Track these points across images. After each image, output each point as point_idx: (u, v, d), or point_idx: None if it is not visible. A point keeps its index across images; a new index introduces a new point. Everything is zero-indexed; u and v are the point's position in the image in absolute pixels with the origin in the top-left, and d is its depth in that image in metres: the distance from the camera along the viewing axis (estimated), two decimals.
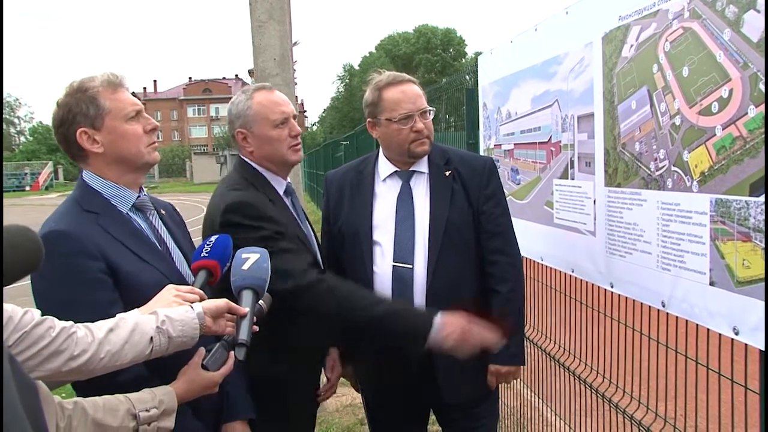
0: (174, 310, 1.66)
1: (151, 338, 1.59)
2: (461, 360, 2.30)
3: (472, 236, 2.49)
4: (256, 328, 1.81)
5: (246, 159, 2.44)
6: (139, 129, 1.95)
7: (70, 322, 1.52)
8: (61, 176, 65.93)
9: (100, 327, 1.55)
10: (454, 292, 2.42)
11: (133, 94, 2.04)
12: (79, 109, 1.89)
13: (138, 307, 1.71)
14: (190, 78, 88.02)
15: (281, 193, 2.44)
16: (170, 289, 1.76)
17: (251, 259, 1.89)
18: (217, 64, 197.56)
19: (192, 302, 1.74)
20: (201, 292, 1.81)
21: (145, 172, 2.05)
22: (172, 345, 1.63)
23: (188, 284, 1.87)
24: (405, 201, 2.51)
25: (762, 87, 1.57)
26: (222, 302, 1.76)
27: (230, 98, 2.54)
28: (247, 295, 1.85)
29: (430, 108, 2.52)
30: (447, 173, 2.51)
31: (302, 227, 2.45)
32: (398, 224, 2.48)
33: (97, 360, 1.51)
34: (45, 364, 1.44)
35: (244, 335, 1.75)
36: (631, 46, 2.10)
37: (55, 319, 1.48)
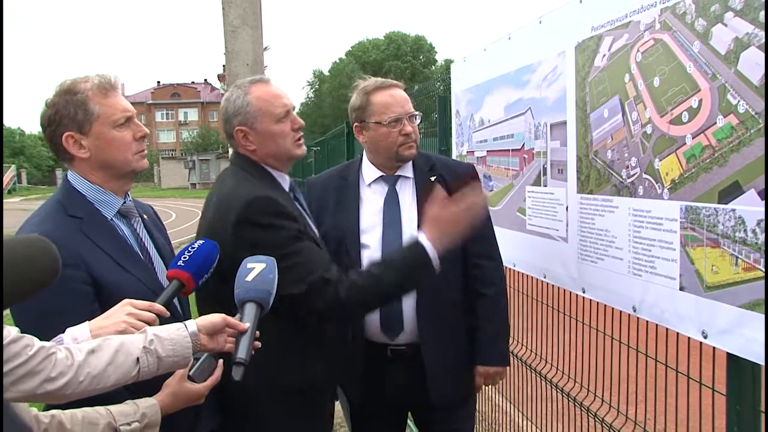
0: (164, 328, 1.58)
1: (138, 359, 1.50)
2: (449, 362, 2.47)
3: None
4: (257, 344, 1.70)
5: (247, 156, 2.26)
6: (128, 136, 1.90)
7: (52, 343, 1.44)
8: (24, 180, 64.71)
9: (81, 348, 1.46)
10: (444, 294, 2.47)
11: None
12: (67, 111, 1.84)
13: None
14: (158, 82, 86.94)
15: (287, 189, 2.30)
16: (125, 306, 1.66)
17: (256, 269, 1.76)
18: (186, 69, 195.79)
19: (147, 321, 1.64)
20: (161, 308, 1.71)
21: (132, 179, 2.00)
22: (162, 365, 1.55)
23: None
24: (392, 205, 2.53)
25: (730, 98, 1.61)
26: (218, 318, 1.66)
27: (200, 103, 2.51)
28: (249, 309, 1.71)
29: (417, 113, 2.56)
30: (432, 179, 2.53)
31: (311, 223, 2.38)
32: (386, 228, 2.50)
33: (76, 383, 1.42)
34: (18, 385, 1.33)
35: (242, 353, 1.62)
36: (604, 55, 2.15)
37: (35, 339, 1.39)
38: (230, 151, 2.43)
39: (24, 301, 1.16)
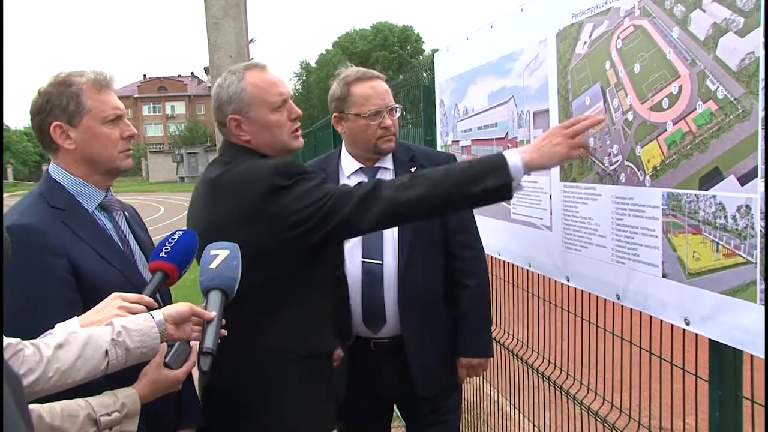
0: (131, 319, 1.58)
1: (106, 351, 1.50)
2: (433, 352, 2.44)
3: (439, 231, 2.53)
4: (224, 332, 1.70)
5: (241, 145, 2.16)
6: (115, 133, 1.92)
7: (17, 339, 1.42)
8: (10, 176, 64.28)
9: (48, 343, 1.45)
10: (425, 286, 2.47)
11: None
12: (59, 102, 1.85)
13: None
14: (144, 75, 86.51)
15: None
16: (115, 300, 1.67)
17: (220, 256, 1.76)
18: (173, 62, 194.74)
19: (138, 314, 1.64)
20: (150, 300, 1.73)
21: (115, 177, 2.01)
22: (130, 357, 1.55)
23: None
24: None
25: (709, 84, 1.61)
26: (185, 307, 1.67)
27: (187, 96, 2.52)
28: (214, 297, 1.71)
29: (397, 105, 2.54)
30: (412, 169, 2.52)
31: None
32: None
33: (46, 379, 1.41)
34: None
35: (209, 342, 1.62)
36: (585, 43, 2.14)
37: None
38: (217, 141, 2.40)
39: None
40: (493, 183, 1.91)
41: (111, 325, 1.55)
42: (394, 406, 2.94)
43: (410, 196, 1.92)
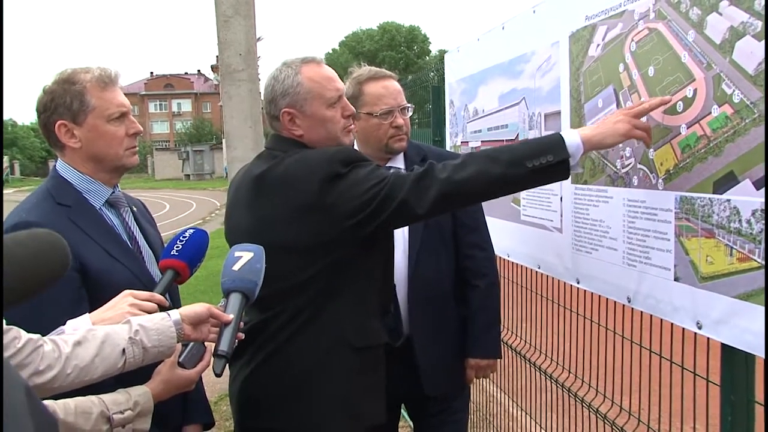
0: (149, 318, 1.58)
1: (124, 350, 1.51)
2: (441, 353, 2.42)
3: (450, 231, 2.52)
4: (241, 335, 1.68)
5: (293, 139, 2.10)
6: (120, 131, 1.91)
7: (38, 335, 1.43)
8: (17, 171, 64.50)
9: (67, 340, 1.46)
10: (435, 286, 2.46)
11: None
12: (63, 100, 1.84)
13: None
14: (151, 73, 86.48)
15: None
16: (126, 297, 1.67)
17: (244, 258, 1.74)
18: (179, 59, 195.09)
19: (149, 311, 1.65)
20: (161, 298, 1.73)
21: (121, 174, 2.00)
22: (147, 356, 1.56)
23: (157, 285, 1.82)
24: None
25: (725, 87, 1.60)
26: (202, 308, 1.66)
27: (193, 94, 2.49)
28: (234, 299, 1.68)
29: (409, 105, 2.54)
30: None
31: None
32: None
33: (64, 376, 1.42)
34: None
35: (224, 345, 1.60)
36: (598, 45, 2.13)
37: (22, 330, 1.38)
38: (224, 139, 2.40)
39: (35, 297, 1.15)
40: (549, 160, 1.85)
41: (128, 323, 1.56)
42: (401, 407, 2.93)
43: (467, 175, 1.86)
